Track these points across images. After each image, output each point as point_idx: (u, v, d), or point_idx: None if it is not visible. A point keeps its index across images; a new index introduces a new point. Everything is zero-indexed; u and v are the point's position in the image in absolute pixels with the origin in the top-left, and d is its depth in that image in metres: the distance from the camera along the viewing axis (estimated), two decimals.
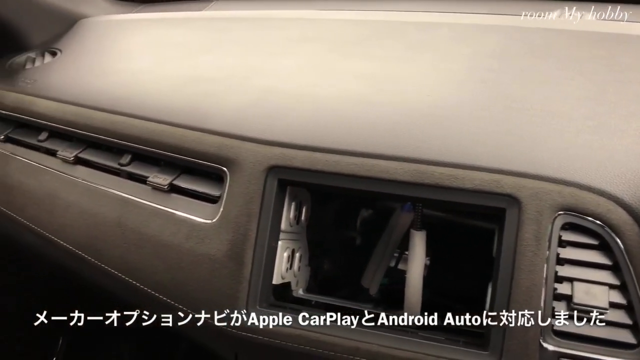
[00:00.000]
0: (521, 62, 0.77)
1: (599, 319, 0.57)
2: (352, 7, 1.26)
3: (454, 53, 0.82)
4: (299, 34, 0.97)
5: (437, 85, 0.75)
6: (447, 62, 0.80)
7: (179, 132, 0.76)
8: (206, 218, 0.72)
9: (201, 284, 0.70)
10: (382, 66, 0.82)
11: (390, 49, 0.87)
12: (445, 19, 0.95)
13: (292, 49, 0.92)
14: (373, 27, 0.95)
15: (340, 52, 0.88)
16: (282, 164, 0.68)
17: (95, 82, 0.93)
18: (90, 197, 0.82)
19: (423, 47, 0.85)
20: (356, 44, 0.90)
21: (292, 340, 0.66)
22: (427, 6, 1.15)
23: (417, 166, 0.64)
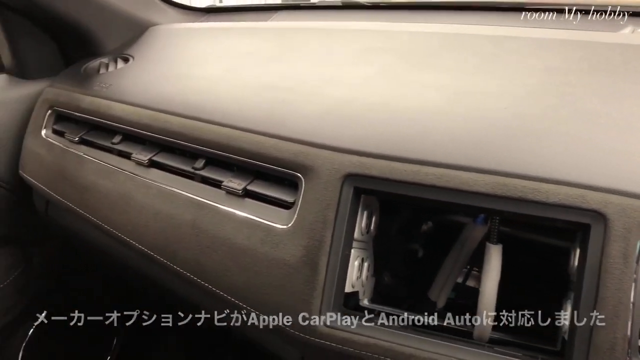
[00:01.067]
0: (599, 77, 0.76)
1: None
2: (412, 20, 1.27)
3: (528, 67, 0.81)
4: (367, 45, 0.97)
5: (515, 99, 0.74)
6: (522, 76, 0.79)
7: (256, 139, 0.77)
8: (280, 223, 0.73)
9: (275, 288, 0.71)
10: (455, 78, 0.82)
11: (461, 61, 0.87)
12: (517, 33, 0.94)
13: (361, 59, 0.92)
14: (442, 39, 0.95)
15: (410, 63, 0.88)
16: (359, 172, 0.69)
17: (168, 87, 0.95)
18: (164, 200, 0.84)
19: (496, 60, 0.85)
20: (426, 55, 0.91)
21: (366, 349, 0.66)
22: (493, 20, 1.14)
23: (499, 178, 0.63)
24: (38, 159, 1.08)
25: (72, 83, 1.09)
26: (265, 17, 1.32)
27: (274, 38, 1.09)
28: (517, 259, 0.82)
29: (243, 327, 0.80)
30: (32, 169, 1.10)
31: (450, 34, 0.97)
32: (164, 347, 1.51)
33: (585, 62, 0.80)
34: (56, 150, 1.04)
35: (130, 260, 0.94)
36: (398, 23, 1.11)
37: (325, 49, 0.99)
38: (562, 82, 0.76)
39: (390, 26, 1.07)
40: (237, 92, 0.89)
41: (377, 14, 1.32)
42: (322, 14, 1.36)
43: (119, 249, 0.94)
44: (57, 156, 1.04)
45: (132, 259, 0.92)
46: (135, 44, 1.17)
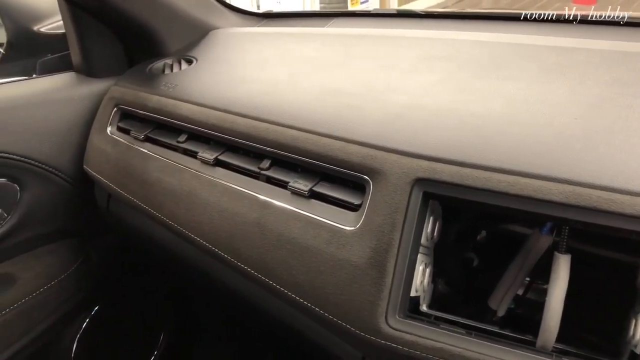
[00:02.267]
0: None
1: None
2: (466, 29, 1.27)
3: (594, 78, 0.81)
4: (428, 52, 0.98)
5: (583, 109, 0.74)
6: (588, 87, 0.79)
7: (323, 141, 0.78)
8: (347, 225, 0.74)
9: (340, 288, 0.72)
10: (520, 87, 0.82)
11: (525, 71, 0.87)
12: (581, 44, 0.94)
13: (423, 66, 0.93)
14: (504, 49, 0.96)
15: (473, 72, 0.89)
16: (429, 177, 0.69)
17: (234, 89, 0.97)
18: (229, 198, 0.86)
19: (560, 70, 0.85)
20: (488, 64, 0.91)
21: (433, 353, 0.66)
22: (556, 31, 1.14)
23: (573, 188, 0.63)
24: (103, 154, 1.11)
25: (137, 82, 1.12)
26: (322, 24, 1.34)
27: (335, 44, 1.10)
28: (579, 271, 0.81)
29: (304, 326, 0.82)
30: (96, 164, 1.14)
31: (512, 44, 0.97)
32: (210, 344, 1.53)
33: None
34: (121, 146, 1.08)
35: (191, 256, 0.96)
36: (457, 32, 1.12)
37: (387, 55, 1.00)
38: (630, 94, 0.76)
39: (449, 34, 1.08)
40: (302, 95, 0.90)
41: (431, 22, 1.33)
42: (377, 22, 1.37)
43: (181, 245, 0.96)
44: (122, 152, 1.07)
45: (193, 255, 0.94)
46: (197, 46, 1.20)
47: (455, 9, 1.55)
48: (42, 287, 1.20)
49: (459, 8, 1.95)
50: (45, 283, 1.21)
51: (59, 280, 1.23)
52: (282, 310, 0.84)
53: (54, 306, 1.24)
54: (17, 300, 1.15)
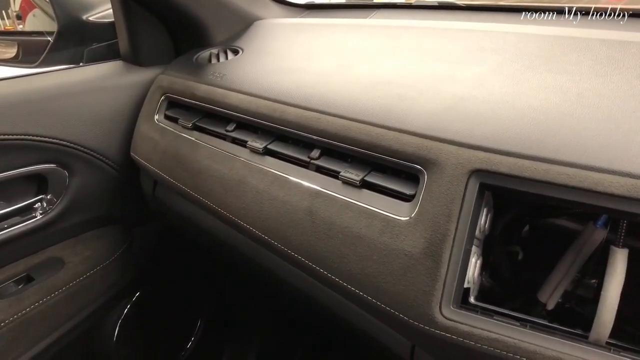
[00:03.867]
0: None
1: None
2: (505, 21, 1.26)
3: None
4: (476, 44, 0.98)
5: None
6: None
7: (376, 131, 0.79)
8: (401, 215, 0.74)
9: (394, 278, 0.72)
10: (573, 80, 0.81)
11: (577, 64, 0.86)
12: (632, 38, 0.93)
13: (473, 58, 0.93)
14: (552, 41, 0.95)
15: (524, 64, 0.88)
16: (486, 168, 0.69)
17: (283, 79, 0.98)
18: (280, 186, 0.87)
19: (613, 64, 0.84)
20: (539, 56, 0.90)
21: (488, 344, 0.66)
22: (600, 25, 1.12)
23: (634, 181, 0.62)
24: (151, 142, 1.13)
25: (185, 71, 1.14)
26: (364, 15, 1.34)
27: (380, 35, 1.10)
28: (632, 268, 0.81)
29: (352, 315, 0.82)
30: (144, 152, 1.15)
31: (559, 37, 0.96)
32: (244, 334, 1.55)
33: None
34: (169, 134, 1.09)
35: (238, 244, 0.97)
36: (502, 24, 1.11)
37: (434, 47, 1.00)
38: None
39: (494, 27, 1.07)
40: (351, 86, 0.91)
41: (473, 15, 1.32)
42: (419, 13, 1.36)
43: (227, 232, 0.97)
44: (169, 140, 1.09)
45: (240, 242, 0.96)
46: (242, 36, 1.21)
47: (493, 2, 1.54)
48: (88, 271, 1.23)
49: (495, 1, 1.93)
50: (91, 268, 1.23)
51: (104, 266, 1.26)
52: (331, 299, 0.85)
53: (99, 291, 1.27)
54: (66, 283, 1.18)
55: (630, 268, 0.81)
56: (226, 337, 1.54)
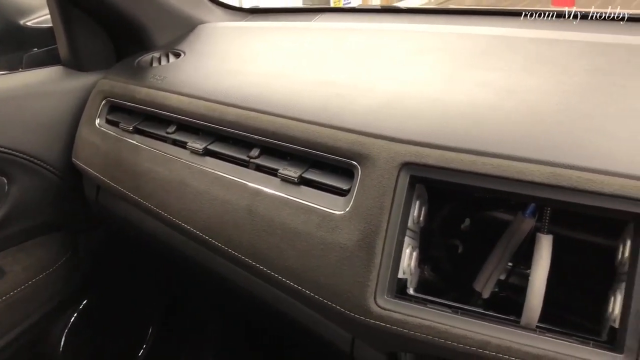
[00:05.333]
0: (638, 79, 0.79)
1: None
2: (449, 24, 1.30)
3: (575, 67, 0.84)
4: (416, 45, 1.00)
5: (564, 96, 0.77)
6: (569, 76, 0.82)
7: (312, 128, 0.80)
8: (337, 209, 0.76)
9: (331, 271, 0.74)
10: (503, 76, 0.85)
11: (510, 61, 0.89)
12: (561, 37, 0.97)
13: (411, 58, 0.96)
14: (489, 41, 0.98)
15: (460, 63, 0.91)
16: (416, 161, 0.71)
17: (223, 81, 0.98)
18: (220, 186, 0.87)
19: (543, 61, 0.88)
20: (473, 55, 0.94)
21: (421, 331, 0.68)
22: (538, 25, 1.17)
23: (555, 169, 0.65)
24: (92, 147, 1.12)
25: (126, 75, 1.13)
26: (308, 19, 1.36)
27: (323, 37, 1.12)
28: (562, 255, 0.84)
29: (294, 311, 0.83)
30: (85, 157, 1.14)
31: (497, 36, 1.00)
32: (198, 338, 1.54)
33: (631, 64, 0.83)
34: (110, 138, 1.09)
35: (181, 246, 0.97)
36: (443, 25, 1.15)
37: (376, 48, 1.03)
38: (609, 83, 0.79)
39: (436, 28, 1.11)
40: (292, 86, 0.92)
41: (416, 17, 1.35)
42: (362, 17, 1.39)
43: (170, 234, 0.97)
44: (111, 144, 1.08)
45: (183, 244, 0.96)
46: (185, 40, 1.22)
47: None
48: (30, 280, 1.20)
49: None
50: (34, 276, 1.21)
51: (47, 274, 1.24)
52: (273, 296, 0.86)
53: (43, 299, 1.24)
54: (6, 293, 1.15)
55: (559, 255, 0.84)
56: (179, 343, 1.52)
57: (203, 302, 1.49)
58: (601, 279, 0.73)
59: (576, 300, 0.82)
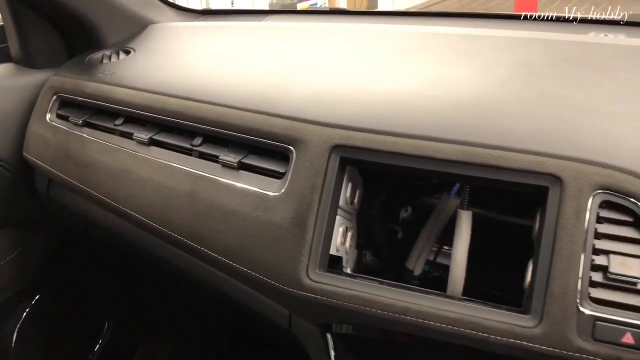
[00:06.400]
0: (561, 68, 0.86)
1: (633, 288, 0.63)
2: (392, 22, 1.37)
3: (498, 60, 0.91)
4: (357, 42, 1.06)
5: (484, 85, 0.83)
6: (492, 67, 0.89)
7: (250, 116, 0.85)
8: (273, 191, 0.80)
9: (266, 248, 0.78)
10: (431, 68, 0.91)
11: (438, 55, 0.96)
12: (487, 33, 1.04)
13: (349, 53, 1.01)
14: (421, 37, 1.05)
15: (393, 57, 0.97)
16: (344, 144, 0.76)
17: (169, 74, 1.02)
18: (163, 173, 0.91)
19: (469, 54, 0.94)
20: (407, 51, 1.00)
21: (347, 300, 0.73)
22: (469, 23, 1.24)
23: (467, 148, 0.71)
24: (42, 141, 1.14)
25: (76, 72, 1.16)
26: (259, 19, 1.41)
27: (270, 35, 1.17)
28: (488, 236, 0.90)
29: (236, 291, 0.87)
30: (36, 151, 1.16)
31: (428, 34, 1.06)
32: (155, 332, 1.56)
33: (549, 56, 0.90)
34: (60, 132, 1.11)
35: (129, 233, 1.00)
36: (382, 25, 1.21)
37: (317, 45, 1.08)
38: (528, 73, 0.85)
39: (375, 27, 1.17)
40: (233, 77, 0.96)
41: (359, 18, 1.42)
42: (311, 18, 1.45)
43: (119, 223, 1.00)
44: (61, 138, 1.10)
45: (130, 231, 0.98)
46: (135, 39, 1.25)
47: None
48: None
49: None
50: None
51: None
52: (216, 277, 0.89)
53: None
54: None
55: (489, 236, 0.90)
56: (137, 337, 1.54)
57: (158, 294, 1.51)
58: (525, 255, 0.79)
59: (506, 278, 0.87)
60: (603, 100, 0.76)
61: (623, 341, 0.63)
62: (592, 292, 0.64)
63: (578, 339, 0.64)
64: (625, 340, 0.63)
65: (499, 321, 0.67)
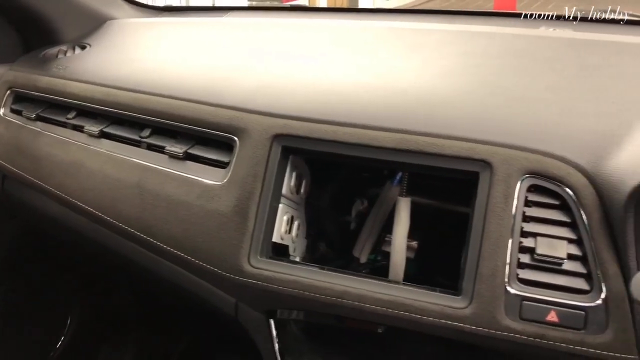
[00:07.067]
0: (503, 59, 0.88)
1: (558, 269, 0.66)
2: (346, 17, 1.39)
3: (444, 52, 0.93)
4: (309, 37, 1.08)
5: (427, 75, 0.85)
6: (436, 59, 0.91)
7: (196, 107, 0.86)
8: (217, 180, 0.81)
9: (209, 236, 0.79)
10: (380, 61, 0.93)
11: (388, 49, 0.98)
12: (438, 27, 1.07)
13: (302, 47, 1.03)
14: (374, 31, 1.07)
15: (342, 51, 0.99)
16: (285, 133, 0.78)
17: (121, 68, 1.03)
18: (112, 165, 0.92)
19: (418, 47, 0.96)
20: (357, 44, 1.02)
21: (287, 285, 0.74)
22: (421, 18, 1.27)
23: (403, 136, 0.73)
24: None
25: (30, 66, 1.16)
26: (219, 15, 1.42)
27: (223, 30, 1.19)
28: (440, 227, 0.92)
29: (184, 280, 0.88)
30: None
31: (382, 28, 1.09)
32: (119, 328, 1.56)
33: (494, 48, 0.92)
34: (14, 127, 1.11)
35: (83, 227, 1.00)
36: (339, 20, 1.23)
37: (270, 38, 1.10)
38: (470, 64, 0.88)
39: (330, 22, 1.18)
40: (183, 70, 0.98)
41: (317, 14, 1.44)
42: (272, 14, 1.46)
43: (71, 216, 1.00)
44: (14, 132, 1.10)
45: (83, 225, 0.99)
46: (92, 34, 1.25)
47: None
48: None
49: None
50: None
51: None
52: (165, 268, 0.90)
53: None
54: None
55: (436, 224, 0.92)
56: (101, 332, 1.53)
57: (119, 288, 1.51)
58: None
59: (446, 265, 0.89)
60: (537, 89, 0.79)
61: (548, 319, 0.65)
62: (520, 273, 0.66)
63: (506, 318, 0.66)
64: (550, 319, 0.65)
65: (432, 302, 0.69)
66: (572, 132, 0.70)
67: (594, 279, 0.64)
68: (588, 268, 0.65)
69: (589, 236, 0.65)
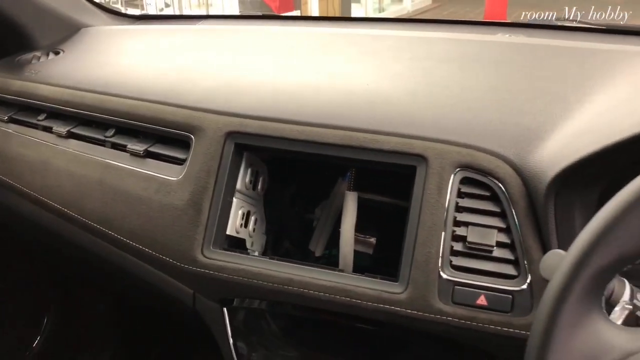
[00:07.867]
0: (452, 63, 0.93)
1: (488, 256, 0.70)
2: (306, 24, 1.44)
3: (397, 57, 0.98)
4: (272, 42, 1.13)
5: (378, 78, 0.90)
6: (389, 63, 0.96)
7: (157, 107, 0.90)
8: (174, 176, 0.86)
9: (166, 229, 0.83)
10: (335, 65, 0.98)
11: (344, 54, 1.03)
12: (393, 33, 1.12)
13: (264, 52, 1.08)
14: (330, 37, 1.12)
15: (300, 56, 1.04)
16: (238, 130, 0.82)
17: (91, 72, 1.07)
18: (77, 163, 0.96)
19: (372, 53, 1.01)
20: (316, 50, 1.07)
21: (237, 274, 0.78)
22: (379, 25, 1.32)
23: (347, 132, 0.78)
24: None
25: (5, 71, 1.19)
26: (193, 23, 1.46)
27: (192, 36, 1.23)
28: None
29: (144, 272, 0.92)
30: None
31: (338, 34, 1.14)
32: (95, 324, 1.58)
33: (445, 53, 0.97)
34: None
35: (51, 224, 1.04)
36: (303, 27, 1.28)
37: (233, 43, 1.14)
38: (420, 67, 0.93)
39: (295, 29, 1.24)
40: (147, 72, 1.02)
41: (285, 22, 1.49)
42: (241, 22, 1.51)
43: (41, 214, 1.04)
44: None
45: (52, 221, 1.03)
46: (67, 41, 1.29)
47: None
48: None
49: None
50: None
51: None
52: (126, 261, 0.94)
53: None
54: None
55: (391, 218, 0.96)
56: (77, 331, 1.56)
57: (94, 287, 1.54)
58: None
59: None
60: (480, 90, 0.84)
61: (478, 303, 0.69)
62: (453, 260, 0.71)
63: (439, 302, 0.70)
64: (480, 302, 0.69)
65: (371, 288, 0.74)
66: (503, 128, 0.74)
67: (520, 265, 0.69)
68: (515, 255, 0.69)
69: (516, 225, 0.70)
